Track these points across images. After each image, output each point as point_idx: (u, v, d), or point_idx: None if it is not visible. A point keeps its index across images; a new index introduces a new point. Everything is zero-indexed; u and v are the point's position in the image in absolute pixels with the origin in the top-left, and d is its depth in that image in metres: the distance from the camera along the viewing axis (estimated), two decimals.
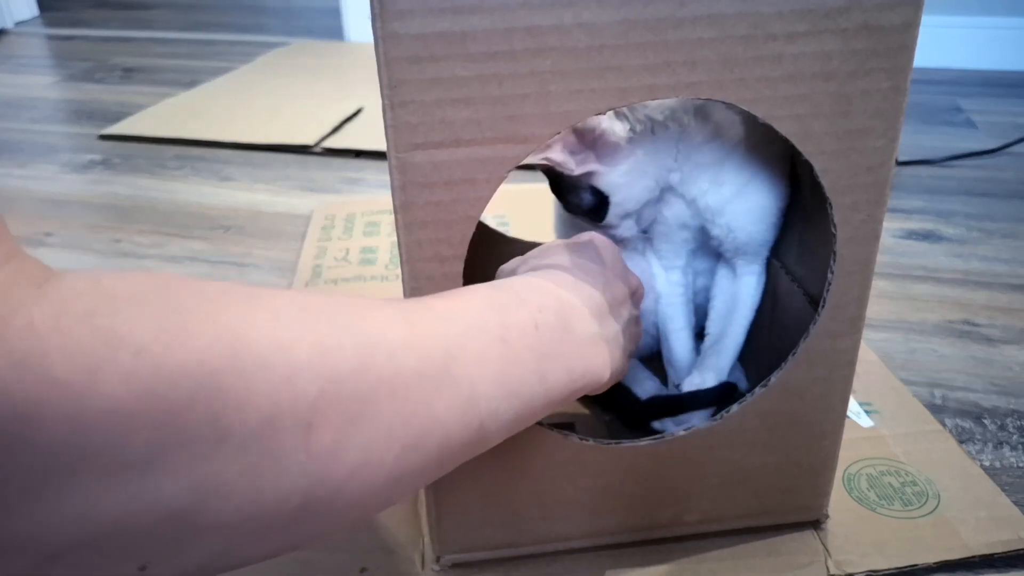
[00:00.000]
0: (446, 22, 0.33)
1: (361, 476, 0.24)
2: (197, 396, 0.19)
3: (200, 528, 0.20)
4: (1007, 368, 0.65)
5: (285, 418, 0.21)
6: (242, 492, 0.21)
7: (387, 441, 0.25)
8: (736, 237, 0.50)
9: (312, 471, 0.22)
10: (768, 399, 0.44)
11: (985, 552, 0.47)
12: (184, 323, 0.20)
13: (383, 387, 0.25)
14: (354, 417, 0.23)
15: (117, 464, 0.18)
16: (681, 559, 0.48)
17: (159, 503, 0.19)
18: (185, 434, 0.19)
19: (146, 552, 0.20)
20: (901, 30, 0.35)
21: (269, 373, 0.21)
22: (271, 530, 0.22)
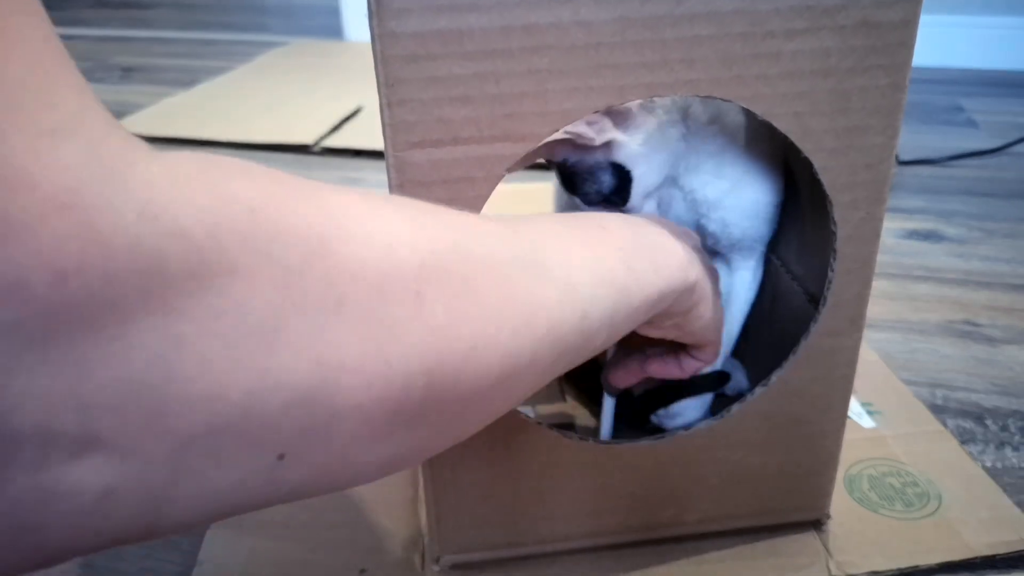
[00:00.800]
0: (443, 20, 0.33)
1: (478, 358, 0.23)
2: (310, 259, 0.19)
3: (333, 411, 0.19)
4: (1008, 368, 0.65)
5: (395, 285, 0.21)
6: (371, 367, 0.20)
7: (497, 319, 0.24)
8: (731, 232, 0.50)
9: (430, 346, 0.21)
10: (768, 399, 0.44)
11: (987, 553, 0.47)
12: (288, 192, 0.20)
13: (481, 267, 0.24)
14: (459, 293, 0.23)
15: (243, 331, 0.17)
16: (681, 559, 0.47)
17: (289, 381, 0.18)
18: (305, 297, 0.18)
19: (283, 439, 0.19)
20: (900, 27, 0.35)
21: (372, 240, 0.21)
22: (403, 421, 0.21)
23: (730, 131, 0.47)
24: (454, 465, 0.43)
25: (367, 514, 0.51)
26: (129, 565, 0.48)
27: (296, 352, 0.18)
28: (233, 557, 0.48)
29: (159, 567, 0.48)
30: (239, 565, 0.47)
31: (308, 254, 0.19)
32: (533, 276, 0.26)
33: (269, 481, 0.19)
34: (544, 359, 0.27)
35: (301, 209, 0.20)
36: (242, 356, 0.17)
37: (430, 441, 0.24)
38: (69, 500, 0.16)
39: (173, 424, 0.17)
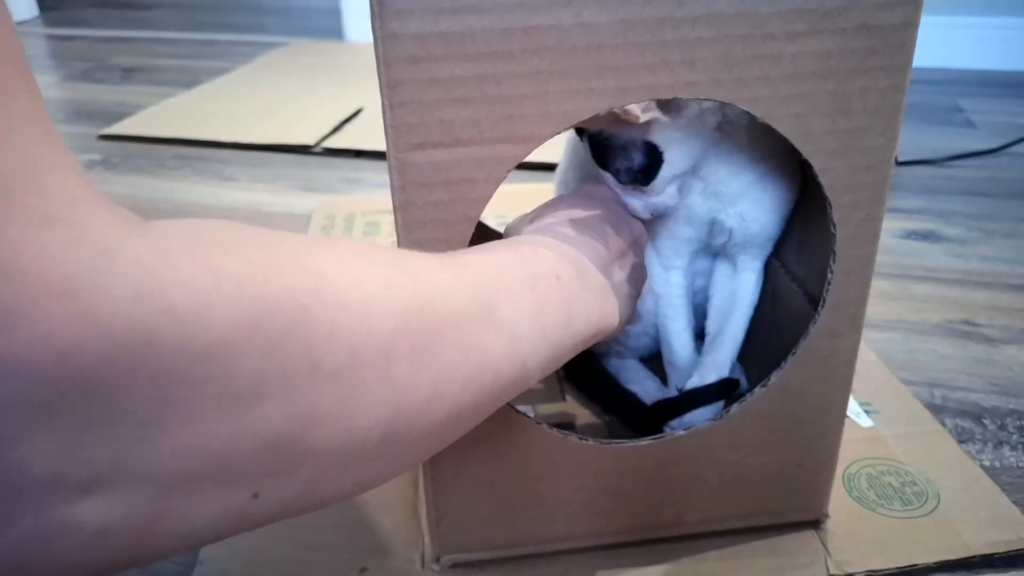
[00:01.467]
0: (445, 22, 0.33)
1: (431, 408, 0.25)
2: (292, 327, 0.21)
3: (301, 455, 0.21)
4: (1007, 368, 0.65)
5: (368, 349, 0.23)
6: (336, 420, 0.22)
7: (451, 374, 0.26)
8: (748, 228, 0.49)
9: (392, 401, 0.24)
10: (768, 399, 0.44)
11: (985, 552, 0.47)
12: (271, 261, 0.21)
13: (442, 323, 0.26)
14: (423, 350, 0.25)
15: (227, 393, 0.19)
16: (681, 559, 0.47)
17: (265, 431, 0.20)
18: (285, 363, 0.20)
19: (255, 481, 0.21)
20: (900, 29, 0.35)
21: (349, 308, 0.23)
22: (360, 459, 0.24)
23: (759, 125, 0.47)
24: (454, 465, 0.43)
25: (367, 514, 0.51)
26: None
27: (271, 409, 0.20)
28: (233, 557, 0.48)
29: (160, 567, 0.48)
30: (239, 565, 0.47)
31: (289, 322, 0.21)
32: (485, 328, 0.29)
33: (244, 516, 0.21)
34: (485, 405, 0.30)
35: (285, 278, 0.21)
36: (225, 415, 0.19)
37: (384, 472, 0.26)
38: (69, 537, 0.17)
39: (160, 471, 0.18)
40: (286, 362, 0.20)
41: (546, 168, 0.81)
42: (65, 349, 0.16)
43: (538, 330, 0.32)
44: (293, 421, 0.21)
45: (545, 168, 0.82)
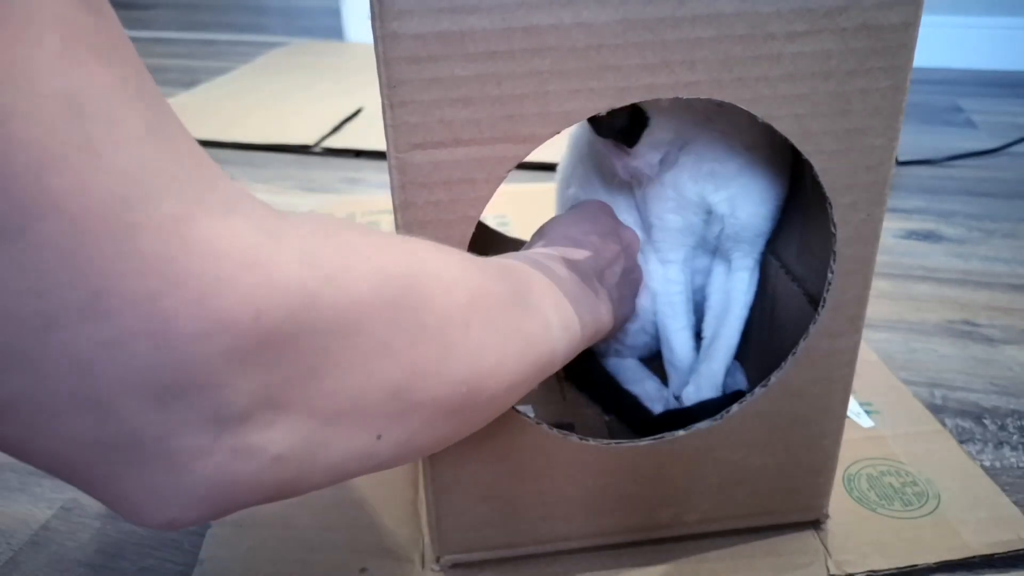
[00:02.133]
0: (445, 22, 0.33)
1: (495, 376, 0.30)
2: (404, 294, 0.25)
3: (413, 405, 0.26)
4: (1007, 368, 0.65)
5: (453, 317, 0.27)
6: (435, 375, 0.26)
7: (506, 348, 0.31)
8: (737, 216, 0.49)
9: (471, 364, 0.28)
10: (768, 399, 0.44)
11: (985, 552, 0.47)
12: (379, 242, 0.26)
13: (498, 305, 0.31)
14: (487, 325, 0.29)
15: (364, 348, 0.23)
16: (681, 559, 0.47)
17: (389, 381, 0.25)
18: (401, 324, 0.25)
19: (380, 424, 0.25)
20: (900, 29, 0.35)
21: (440, 281, 0.27)
22: (449, 413, 0.28)
23: (753, 117, 0.47)
24: (455, 465, 0.43)
25: (367, 514, 0.51)
26: (130, 564, 0.48)
27: (394, 362, 0.25)
28: (233, 557, 0.48)
29: (160, 566, 0.48)
30: (239, 565, 0.47)
31: (402, 290, 0.25)
32: (526, 314, 0.33)
33: (370, 455, 0.26)
34: (527, 382, 0.33)
35: (394, 255, 0.26)
36: (363, 364, 0.24)
37: (459, 430, 0.30)
38: (253, 462, 0.22)
39: (319, 409, 0.23)
40: (402, 323, 0.25)
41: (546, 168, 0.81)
42: (258, 309, 0.20)
43: (560, 322, 0.36)
44: (408, 374, 0.25)
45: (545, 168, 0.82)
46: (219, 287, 0.19)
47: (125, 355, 0.18)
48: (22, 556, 0.49)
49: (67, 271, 0.17)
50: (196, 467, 0.20)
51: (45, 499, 0.53)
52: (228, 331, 0.19)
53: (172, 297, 0.18)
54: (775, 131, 0.47)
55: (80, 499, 0.53)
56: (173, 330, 0.18)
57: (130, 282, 0.18)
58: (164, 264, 0.18)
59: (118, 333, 0.18)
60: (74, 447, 0.19)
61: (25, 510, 0.52)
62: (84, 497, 0.53)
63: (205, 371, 0.19)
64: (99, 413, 0.19)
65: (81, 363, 0.18)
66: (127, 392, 0.19)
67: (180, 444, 0.20)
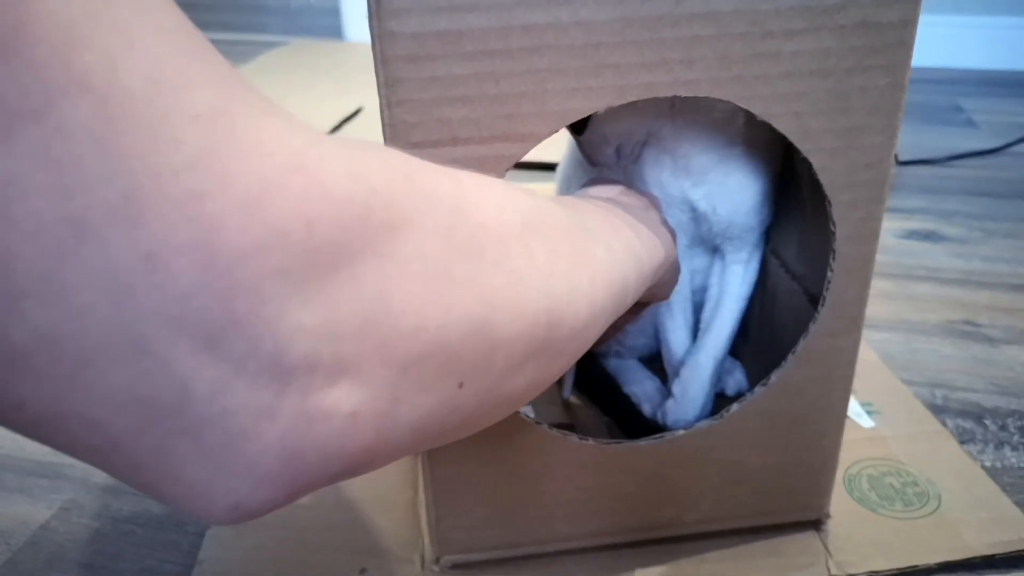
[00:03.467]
0: (443, 20, 0.33)
1: (574, 302, 0.27)
2: (454, 214, 0.22)
3: (492, 343, 0.23)
4: (1008, 368, 0.65)
5: (512, 239, 0.24)
6: (511, 305, 0.23)
7: (579, 271, 0.28)
8: (719, 213, 0.49)
9: (545, 289, 0.25)
10: (768, 399, 0.44)
11: (986, 553, 0.47)
12: (418, 163, 0.23)
13: (556, 229, 0.28)
14: (551, 248, 0.26)
15: (427, 272, 0.20)
16: (681, 559, 0.47)
17: (464, 316, 0.21)
18: (460, 246, 0.22)
19: (461, 369, 0.22)
20: (899, 27, 0.35)
21: (488, 204, 0.24)
22: (532, 352, 0.25)
23: (728, 112, 0.47)
24: (454, 465, 0.43)
25: (367, 515, 0.51)
26: (129, 565, 0.48)
27: (464, 291, 0.22)
28: (233, 557, 0.48)
29: (159, 567, 0.48)
30: (239, 565, 0.47)
31: (451, 210, 0.22)
32: (588, 240, 0.30)
33: (453, 407, 0.22)
34: (606, 312, 0.30)
35: (435, 176, 0.23)
36: (431, 293, 0.20)
37: (544, 374, 0.27)
38: (325, 423, 0.18)
39: (393, 353, 0.20)
40: (461, 245, 0.22)
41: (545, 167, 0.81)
42: (311, 218, 0.17)
43: (623, 246, 0.33)
44: (482, 304, 0.22)
45: (544, 167, 0.82)
46: (267, 190, 0.16)
47: (166, 276, 0.15)
48: (20, 556, 0.49)
49: (97, 164, 0.14)
50: (260, 433, 0.17)
51: (44, 499, 0.53)
52: (280, 245, 0.16)
53: (216, 199, 0.16)
54: (755, 126, 0.47)
55: (79, 499, 0.53)
56: (219, 242, 0.16)
57: (169, 178, 0.15)
58: (205, 158, 0.16)
59: (158, 244, 0.15)
60: (112, 409, 0.16)
61: (24, 510, 0.52)
62: (83, 497, 0.53)
63: (257, 300, 0.16)
64: (141, 357, 0.15)
65: (117, 286, 0.15)
66: (171, 328, 0.15)
67: (238, 402, 0.17)
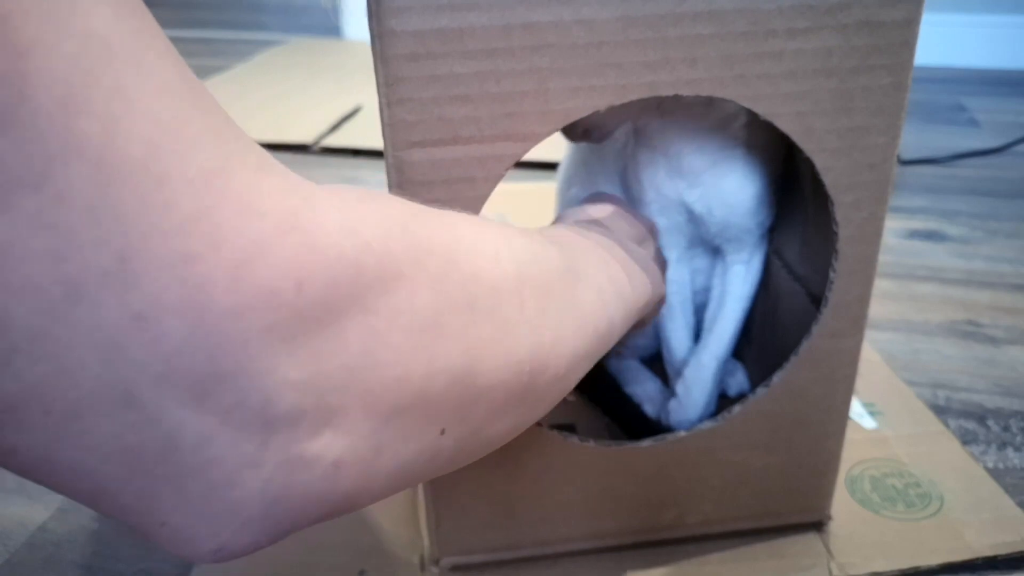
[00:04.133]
0: (444, 19, 0.32)
1: (556, 351, 0.27)
2: (447, 266, 0.23)
3: (477, 392, 0.24)
4: (1011, 369, 0.65)
5: (504, 290, 0.25)
6: (496, 355, 0.24)
7: (565, 320, 0.28)
8: (715, 214, 0.49)
9: (531, 339, 0.26)
10: (770, 400, 0.43)
11: (989, 554, 0.47)
12: (418, 214, 0.23)
13: (552, 276, 0.29)
14: (543, 297, 0.27)
15: (416, 326, 0.21)
16: (683, 561, 0.47)
17: (448, 366, 0.22)
18: (450, 297, 0.22)
19: (443, 417, 0.23)
20: (902, 26, 0.35)
21: (483, 254, 0.25)
22: (515, 399, 0.26)
23: (725, 114, 0.47)
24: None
25: (367, 515, 0.51)
26: (127, 567, 0.48)
27: (451, 343, 0.22)
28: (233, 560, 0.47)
29: (157, 568, 0.48)
30: (237, 566, 0.47)
31: (445, 262, 0.23)
32: (580, 285, 0.31)
33: (435, 453, 0.23)
34: (590, 356, 0.31)
35: (431, 226, 0.23)
36: (418, 346, 0.21)
37: (525, 418, 0.28)
38: (308, 472, 0.19)
39: (377, 404, 0.20)
40: (451, 296, 0.22)
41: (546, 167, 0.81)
42: (301, 278, 0.18)
43: (613, 288, 0.34)
44: (467, 355, 0.23)
45: (545, 167, 0.82)
46: (258, 251, 0.17)
47: (156, 333, 0.16)
48: (18, 557, 0.49)
49: (92, 228, 0.15)
50: (243, 481, 0.18)
51: (42, 500, 0.53)
52: (268, 304, 0.17)
53: (207, 261, 0.16)
54: (754, 128, 0.47)
55: None
56: (209, 302, 0.16)
57: (161, 241, 0.16)
58: (198, 220, 0.16)
59: (148, 305, 0.16)
60: (101, 456, 0.17)
61: (22, 511, 0.52)
62: None
63: (245, 356, 0.17)
64: (129, 410, 0.16)
65: (108, 344, 0.16)
66: (159, 382, 0.16)
67: (223, 452, 0.17)
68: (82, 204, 0.15)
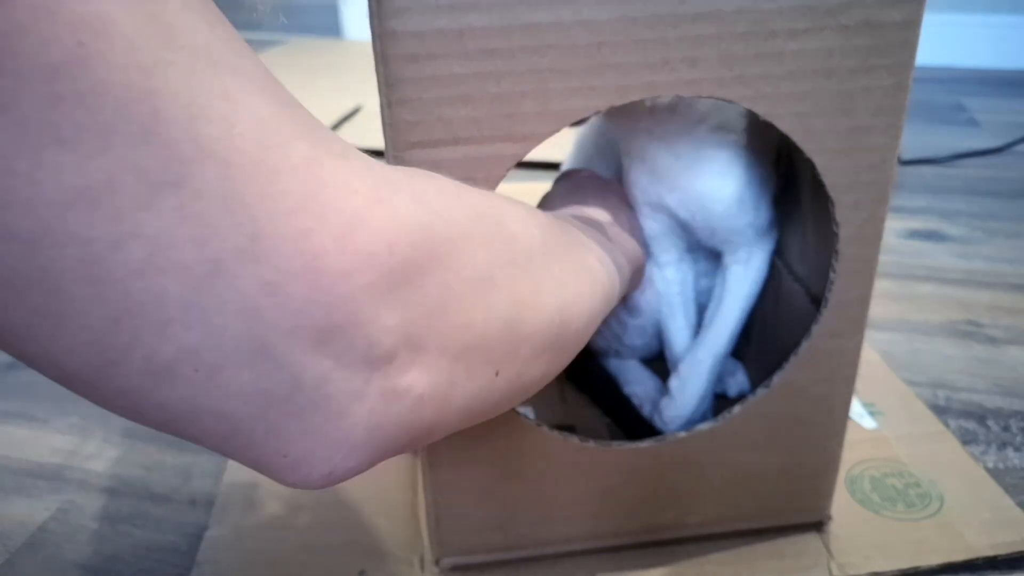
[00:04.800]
0: (444, 19, 0.32)
1: (578, 307, 0.31)
2: (494, 228, 0.26)
3: (521, 338, 0.27)
4: (1011, 369, 0.65)
5: (535, 251, 0.28)
6: (534, 307, 0.27)
7: (581, 279, 0.32)
8: (696, 219, 0.48)
9: (558, 293, 0.29)
10: (770, 400, 0.44)
11: (989, 554, 0.47)
12: (461, 187, 0.27)
13: (564, 244, 0.32)
14: (562, 261, 0.31)
15: (476, 278, 0.24)
16: (683, 561, 0.47)
17: (502, 314, 0.25)
18: (501, 255, 0.26)
19: (497, 359, 0.26)
20: (903, 27, 0.35)
21: (516, 219, 0.28)
22: (546, 347, 0.29)
23: (698, 114, 0.46)
24: (454, 467, 0.43)
25: (367, 516, 0.51)
26: (127, 567, 0.48)
27: (501, 294, 0.26)
28: (231, 559, 0.47)
29: (158, 568, 0.48)
30: (237, 567, 0.47)
31: (492, 224, 0.26)
32: (583, 249, 0.35)
33: (489, 392, 0.26)
34: (600, 314, 0.34)
35: (476, 197, 0.27)
36: (477, 295, 0.24)
37: (555, 365, 0.31)
38: (400, 403, 0.22)
39: (449, 345, 0.23)
40: (500, 254, 0.26)
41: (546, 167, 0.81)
42: (391, 241, 0.21)
43: (610, 260, 0.37)
44: (514, 307, 0.26)
45: (545, 167, 0.82)
46: (357, 222, 0.20)
47: (284, 297, 0.19)
48: (18, 558, 0.49)
49: (226, 216, 0.18)
50: (352, 411, 0.21)
51: (42, 501, 0.53)
52: (369, 265, 0.20)
53: (320, 233, 0.19)
54: (725, 130, 0.46)
55: (77, 501, 0.53)
56: (324, 267, 0.19)
57: (282, 221, 0.19)
58: (307, 201, 0.19)
59: (277, 274, 0.19)
60: (239, 402, 0.20)
61: (22, 512, 0.52)
62: (82, 499, 0.53)
63: (354, 308, 0.20)
64: (263, 361, 0.19)
65: (246, 309, 0.18)
66: (288, 336, 0.19)
67: (337, 388, 0.21)
68: (216, 196, 0.18)
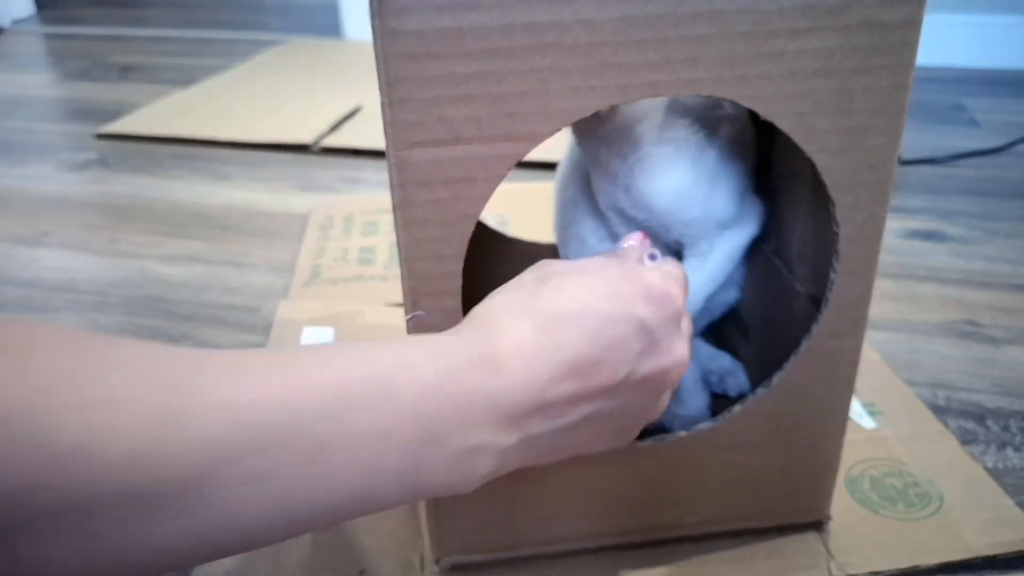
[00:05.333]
0: (445, 19, 0.32)
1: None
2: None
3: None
4: (1010, 369, 0.65)
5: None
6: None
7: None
8: (651, 214, 0.48)
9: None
10: (770, 400, 0.44)
11: (988, 554, 0.47)
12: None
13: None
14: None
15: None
16: (682, 561, 0.47)
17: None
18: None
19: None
20: (903, 27, 0.35)
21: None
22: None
23: (634, 117, 0.46)
24: None
25: (366, 517, 0.51)
26: None
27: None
28: (232, 558, 0.47)
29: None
30: (238, 567, 0.47)
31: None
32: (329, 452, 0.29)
33: None
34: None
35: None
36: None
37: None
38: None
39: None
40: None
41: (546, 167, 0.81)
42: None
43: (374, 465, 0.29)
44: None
45: (545, 167, 0.82)
46: None
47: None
48: None
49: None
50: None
51: None
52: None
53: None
54: (673, 125, 0.46)
55: None
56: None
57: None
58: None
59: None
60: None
61: None
62: None
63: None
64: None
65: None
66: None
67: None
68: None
